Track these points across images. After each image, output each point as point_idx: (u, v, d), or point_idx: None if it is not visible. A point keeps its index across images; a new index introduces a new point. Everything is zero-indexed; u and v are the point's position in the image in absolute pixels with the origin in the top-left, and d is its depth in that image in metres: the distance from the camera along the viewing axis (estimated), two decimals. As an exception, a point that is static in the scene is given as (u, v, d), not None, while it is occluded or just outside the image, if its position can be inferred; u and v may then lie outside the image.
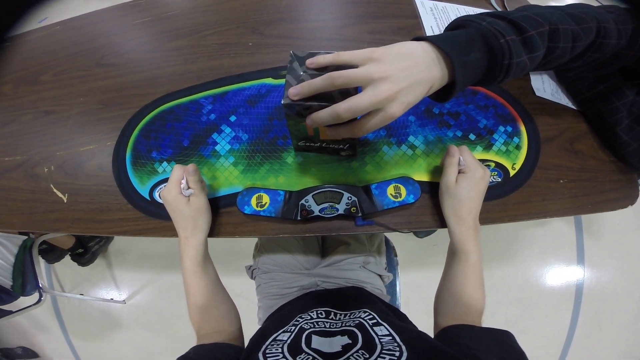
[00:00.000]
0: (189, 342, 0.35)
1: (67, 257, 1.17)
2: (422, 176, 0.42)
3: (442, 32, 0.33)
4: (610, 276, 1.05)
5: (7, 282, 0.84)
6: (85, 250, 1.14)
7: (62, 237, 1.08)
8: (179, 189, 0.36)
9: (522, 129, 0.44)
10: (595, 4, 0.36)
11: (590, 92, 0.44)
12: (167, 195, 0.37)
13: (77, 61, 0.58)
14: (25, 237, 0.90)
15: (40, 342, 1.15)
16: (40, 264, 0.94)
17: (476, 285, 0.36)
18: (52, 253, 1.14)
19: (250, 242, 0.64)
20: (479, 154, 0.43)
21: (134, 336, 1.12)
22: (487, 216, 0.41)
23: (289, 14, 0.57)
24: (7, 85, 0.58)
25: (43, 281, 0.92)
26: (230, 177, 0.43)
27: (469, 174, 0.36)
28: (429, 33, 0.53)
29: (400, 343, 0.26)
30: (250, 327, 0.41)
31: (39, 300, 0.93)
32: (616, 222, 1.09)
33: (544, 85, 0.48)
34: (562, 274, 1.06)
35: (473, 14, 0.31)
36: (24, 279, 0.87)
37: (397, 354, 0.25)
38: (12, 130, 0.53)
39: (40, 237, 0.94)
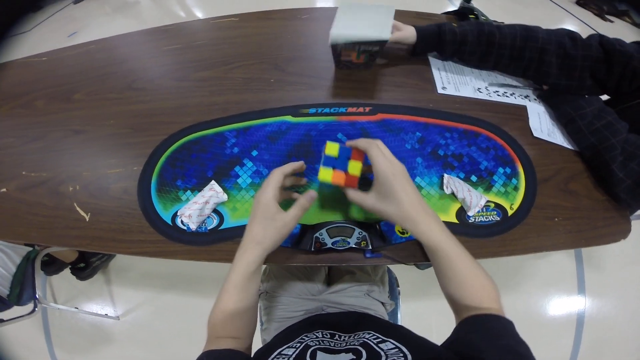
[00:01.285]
0: (183, 362, 0.33)
1: (66, 270, 1.16)
2: (428, 213, 0.45)
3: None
4: (612, 306, 1.06)
5: (4, 291, 0.83)
6: (87, 265, 1.13)
7: (66, 251, 1.08)
8: (276, 192, 0.34)
9: (520, 170, 0.48)
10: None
11: (588, 129, 0.48)
12: (262, 194, 0.34)
13: (109, 82, 0.61)
14: (30, 249, 0.91)
15: (21, 353, 1.11)
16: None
17: (472, 272, 0.33)
18: (52, 265, 1.13)
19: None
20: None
21: (124, 353, 1.08)
22: (488, 250, 0.44)
23: (305, 51, 0.63)
24: (40, 100, 0.60)
25: (39, 292, 0.91)
26: (250, 209, 0.45)
27: (379, 180, 0.33)
28: (437, 76, 0.59)
29: (406, 352, 0.27)
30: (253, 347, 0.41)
31: (33, 311, 0.91)
32: (616, 253, 1.11)
33: (541, 126, 0.53)
34: (563, 304, 1.07)
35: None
36: (22, 289, 0.86)
37: (402, 358, 0.26)
38: (41, 146, 0.55)
39: (45, 250, 0.94)
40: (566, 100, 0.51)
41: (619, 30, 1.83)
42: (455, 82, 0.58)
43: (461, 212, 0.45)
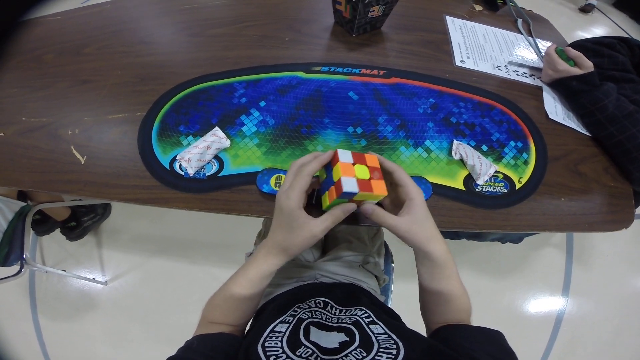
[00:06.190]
0: (166, 331, 0.32)
1: (56, 231, 1.15)
2: (434, 178, 0.44)
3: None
4: (593, 305, 1.07)
5: (-8, 251, 0.81)
6: (78, 224, 1.11)
7: (59, 207, 1.06)
8: (301, 198, 0.29)
9: (532, 146, 0.47)
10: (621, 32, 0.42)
11: (608, 120, 0.47)
12: (286, 200, 0.29)
13: (121, 37, 0.60)
14: (23, 204, 0.89)
15: (3, 319, 1.09)
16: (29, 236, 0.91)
17: (458, 285, 0.34)
18: (43, 224, 1.11)
19: (247, 236, 0.64)
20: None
21: (108, 320, 1.07)
22: (491, 223, 0.43)
23: (324, 16, 0.62)
24: (49, 54, 0.59)
25: (27, 253, 0.88)
26: (252, 157, 0.44)
27: (414, 203, 0.30)
28: (456, 50, 0.57)
29: (397, 340, 0.26)
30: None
31: (19, 272, 0.89)
32: (606, 254, 1.12)
33: (557, 110, 0.52)
34: (546, 298, 1.09)
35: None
36: (10, 248, 0.84)
37: (394, 352, 0.25)
38: (45, 94, 0.53)
39: (38, 206, 0.93)
40: (581, 92, 0.50)
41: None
42: (474, 57, 0.57)
43: (469, 180, 0.44)
